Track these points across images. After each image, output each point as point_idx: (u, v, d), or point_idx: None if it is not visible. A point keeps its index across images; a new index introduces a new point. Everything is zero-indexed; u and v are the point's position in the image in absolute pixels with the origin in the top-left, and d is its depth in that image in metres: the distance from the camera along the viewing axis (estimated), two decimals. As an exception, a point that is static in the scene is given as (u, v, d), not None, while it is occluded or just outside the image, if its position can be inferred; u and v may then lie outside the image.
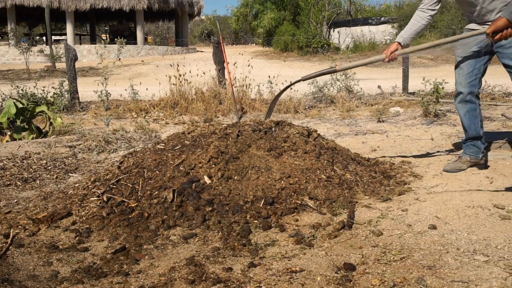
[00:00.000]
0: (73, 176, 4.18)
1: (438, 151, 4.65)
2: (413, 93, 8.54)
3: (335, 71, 3.83)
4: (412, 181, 3.64)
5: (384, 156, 4.46)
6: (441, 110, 6.64)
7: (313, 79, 4.24)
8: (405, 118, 6.58)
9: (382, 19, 23.63)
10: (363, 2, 29.01)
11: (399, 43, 3.68)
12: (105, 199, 3.17)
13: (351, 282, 2.12)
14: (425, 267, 2.22)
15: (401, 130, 5.81)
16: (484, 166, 3.84)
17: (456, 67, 3.77)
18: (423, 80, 7.24)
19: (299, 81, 3.87)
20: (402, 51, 3.65)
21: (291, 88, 7.63)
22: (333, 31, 23.80)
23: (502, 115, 6.13)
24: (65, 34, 25.95)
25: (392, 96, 8.42)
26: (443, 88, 6.84)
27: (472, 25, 3.63)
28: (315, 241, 2.59)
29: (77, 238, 2.81)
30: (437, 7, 3.74)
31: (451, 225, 2.71)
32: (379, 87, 9.23)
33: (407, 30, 3.74)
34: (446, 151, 4.64)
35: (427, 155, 4.54)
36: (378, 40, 22.44)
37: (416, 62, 16.27)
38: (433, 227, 2.68)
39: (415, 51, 3.61)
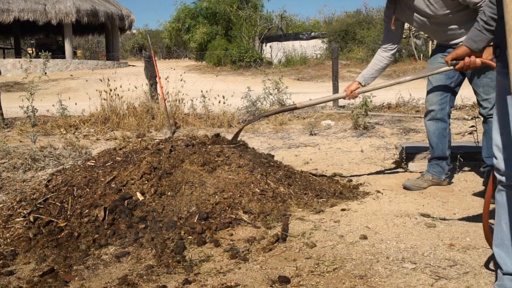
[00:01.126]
0: (-3, 196, 3.98)
1: (368, 163, 4.79)
2: (343, 107, 8.78)
3: (295, 108, 3.82)
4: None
5: (316, 169, 4.54)
6: (370, 122, 6.86)
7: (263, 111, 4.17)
8: (336, 131, 6.75)
9: (313, 34, 24.18)
10: (293, 18, 29.57)
11: (359, 83, 3.71)
12: (31, 219, 3.04)
13: (286, 295, 2.14)
14: (356, 277, 2.27)
15: (332, 143, 5.95)
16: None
17: (428, 84, 3.73)
18: (353, 93, 7.45)
19: (260, 117, 3.82)
20: (362, 89, 3.68)
21: (224, 102, 7.68)
22: (265, 45, 24.13)
23: (427, 127, 6.40)
24: (-12, 48, 24.86)
25: (323, 109, 8.61)
26: (371, 101, 7.07)
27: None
28: (250, 255, 2.60)
29: (1, 262, 2.67)
30: (397, 45, 3.75)
31: (381, 235, 2.80)
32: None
33: (368, 70, 3.76)
34: (376, 163, 4.80)
35: (358, 166, 4.67)
36: (309, 54, 22.94)
37: (346, 76, 16.76)
38: (364, 237, 2.75)
39: (375, 89, 3.66)
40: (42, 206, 3.17)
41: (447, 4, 3.27)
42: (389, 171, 4.43)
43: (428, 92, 3.70)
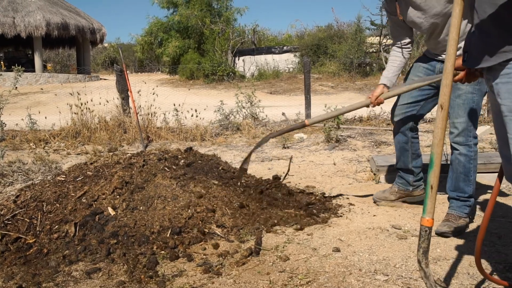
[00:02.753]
0: (-37, 212, 3.88)
1: (340, 176, 4.83)
2: (316, 120, 8.84)
3: (304, 126, 3.48)
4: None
5: (289, 182, 4.56)
6: (342, 135, 6.93)
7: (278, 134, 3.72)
8: (309, 144, 6.79)
9: (285, 48, 24.38)
10: (266, 32, 29.80)
11: (385, 85, 3.38)
12: (-1, 236, 2.97)
13: (260, 309, 2.13)
14: (330, 289, 2.28)
15: (305, 156, 5.98)
16: (419, 198, 3.63)
17: (400, 95, 3.47)
18: (325, 107, 7.53)
19: (268, 139, 3.52)
20: (387, 94, 3.29)
21: (197, 116, 7.67)
22: (238, 59, 24.21)
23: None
24: (-45, 61, 24.32)
25: (296, 122, 8.66)
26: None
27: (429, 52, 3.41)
28: (223, 269, 2.58)
29: (-33, 280, 2.60)
30: (409, 39, 3.43)
31: (353, 247, 2.82)
32: (283, 114, 9.48)
33: (389, 69, 3.45)
34: (348, 175, 4.84)
35: (330, 179, 4.70)
36: (281, 68, 23.10)
37: (318, 90, 16.91)
38: (337, 250, 2.77)
39: (400, 93, 3.33)
40: (10, 222, 3.10)
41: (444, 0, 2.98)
42: (361, 184, 4.47)
43: (396, 104, 3.54)
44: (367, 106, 3.36)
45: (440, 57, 3.26)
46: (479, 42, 1.88)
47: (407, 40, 3.43)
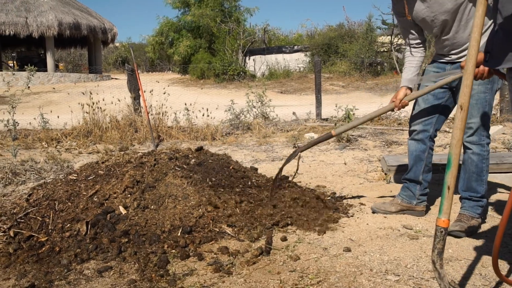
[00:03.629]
0: (-24, 211, 3.91)
1: (351, 175, 4.81)
2: (327, 119, 8.84)
3: (331, 137, 3.46)
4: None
5: (300, 181, 4.55)
6: (353, 135, 6.91)
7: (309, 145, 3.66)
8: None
9: (296, 47, 24.36)
10: (276, 31, 29.78)
11: (408, 87, 3.34)
12: (12, 234, 2.99)
13: (270, 308, 2.12)
14: (341, 289, 2.27)
15: (315, 155, 5.97)
16: (419, 213, 3.46)
17: (415, 103, 3.42)
18: (336, 106, 7.52)
19: (296, 154, 3.44)
20: (411, 96, 3.30)
21: (208, 115, 7.68)
22: (249, 59, 24.24)
23: (409, 139, 6.47)
24: (-32, 61, 24.58)
25: (306, 122, 8.66)
26: (354, 114, 7.13)
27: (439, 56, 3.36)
28: (233, 268, 2.58)
29: (-20, 278, 2.62)
30: (421, 38, 3.36)
31: (364, 247, 2.81)
32: (294, 113, 9.47)
33: (407, 70, 3.39)
34: (359, 175, 4.82)
35: (341, 179, 4.69)
36: (292, 67, 23.09)
37: (328, 89, 16.88)
38: (348, 250, 2.76)
39: (423, 94, 3.28)
40: (22, 220, 3.12)
41: None
42: (372, 184, 4.45)
43: (413, 112, 3.44)
44: (392, 110, 3.37)
45: (449, 58, 3.24)
46: (502, 42, 1.85)
47: (419, 40, 3.37)
